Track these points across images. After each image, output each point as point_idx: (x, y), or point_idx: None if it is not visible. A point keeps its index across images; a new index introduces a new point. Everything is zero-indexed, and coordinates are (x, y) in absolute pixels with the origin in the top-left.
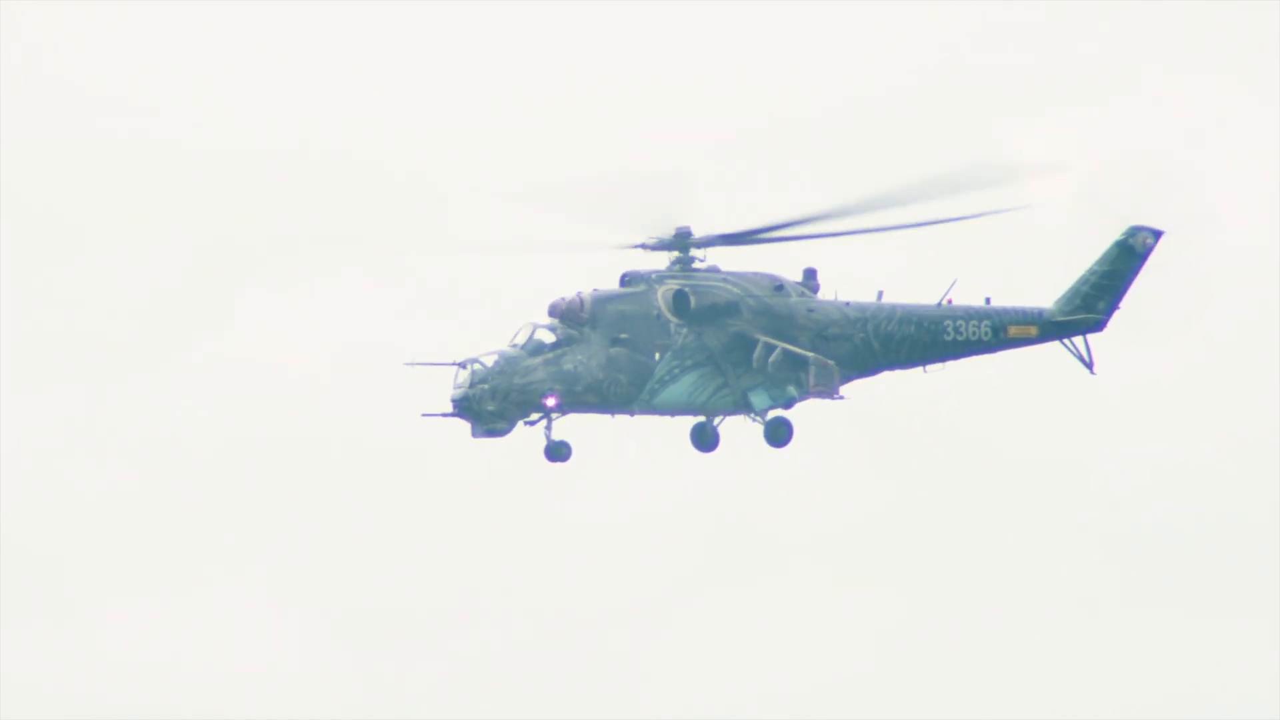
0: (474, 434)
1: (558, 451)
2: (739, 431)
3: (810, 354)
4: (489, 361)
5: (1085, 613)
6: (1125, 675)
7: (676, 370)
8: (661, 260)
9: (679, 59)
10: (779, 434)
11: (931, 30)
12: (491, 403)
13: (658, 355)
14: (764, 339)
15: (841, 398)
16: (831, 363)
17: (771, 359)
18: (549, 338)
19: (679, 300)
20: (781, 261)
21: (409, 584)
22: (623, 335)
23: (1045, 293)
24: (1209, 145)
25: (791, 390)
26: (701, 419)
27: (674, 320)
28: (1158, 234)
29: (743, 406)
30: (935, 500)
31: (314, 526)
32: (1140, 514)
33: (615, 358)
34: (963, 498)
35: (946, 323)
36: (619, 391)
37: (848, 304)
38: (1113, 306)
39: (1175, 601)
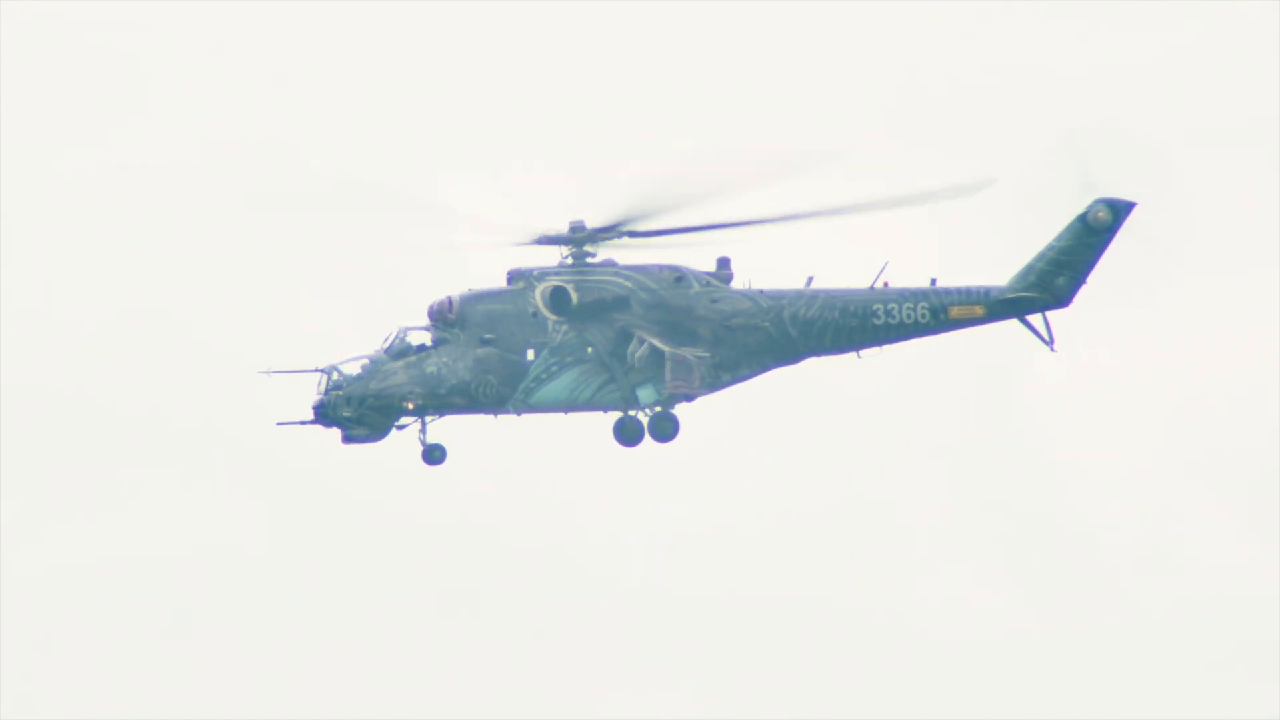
0: (343, 440)
1: (433, 455)
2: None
3: (667, 349)
4: (352, 368)
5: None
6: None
7: (555, 368)
8: (555, 256)
9: (585, 57)
10: (663, 428)
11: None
12: (348, 409)
13: (531, 354)
14: (639, 334)
15: (693, 397)
16: (693, 357)
17: (638, 354)
18: (421, 340)
19: (557, 297)
20: (695, 254)
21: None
22: (488, 335)
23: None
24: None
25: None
26: (624, 414)
27: (553, 317)
28: (1127, 206)
29: (632, 403)
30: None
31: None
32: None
33: (483, 358)
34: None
35: (876, 306)
36: (489, 392)
37: (761, 292)
38: (1076, 282)
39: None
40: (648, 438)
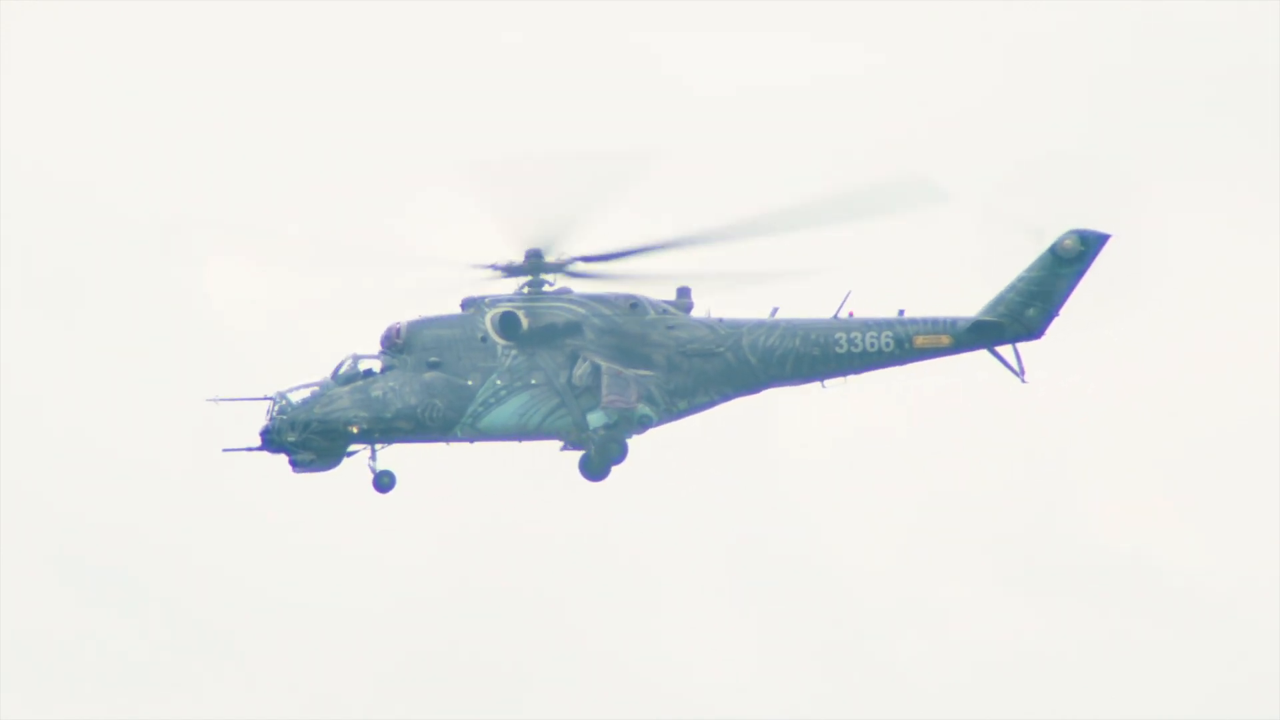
0: (293, 469)
1: (382, 481)
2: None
3: (604, 363)
4: (301, 395)
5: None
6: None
7: (504, 392)
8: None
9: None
10: (607, 453)
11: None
12: (292, 433)
13: (473, 380)
14: (585, 355)
15: (646, 424)
16: (630, 373)
17: (579, 373)
18: (371, 367)
19: (506, 322)
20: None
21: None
22: (433, 359)
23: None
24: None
25: (641, 408)
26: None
27: (502, 342)
28: (1100, 238)
29: (582, 428)
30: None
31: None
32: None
33: (430, 383)
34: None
35: (839, 334)
36: (436, 417)
37: (721, 320)
38: (1048, 313)
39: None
40: (590, 462)
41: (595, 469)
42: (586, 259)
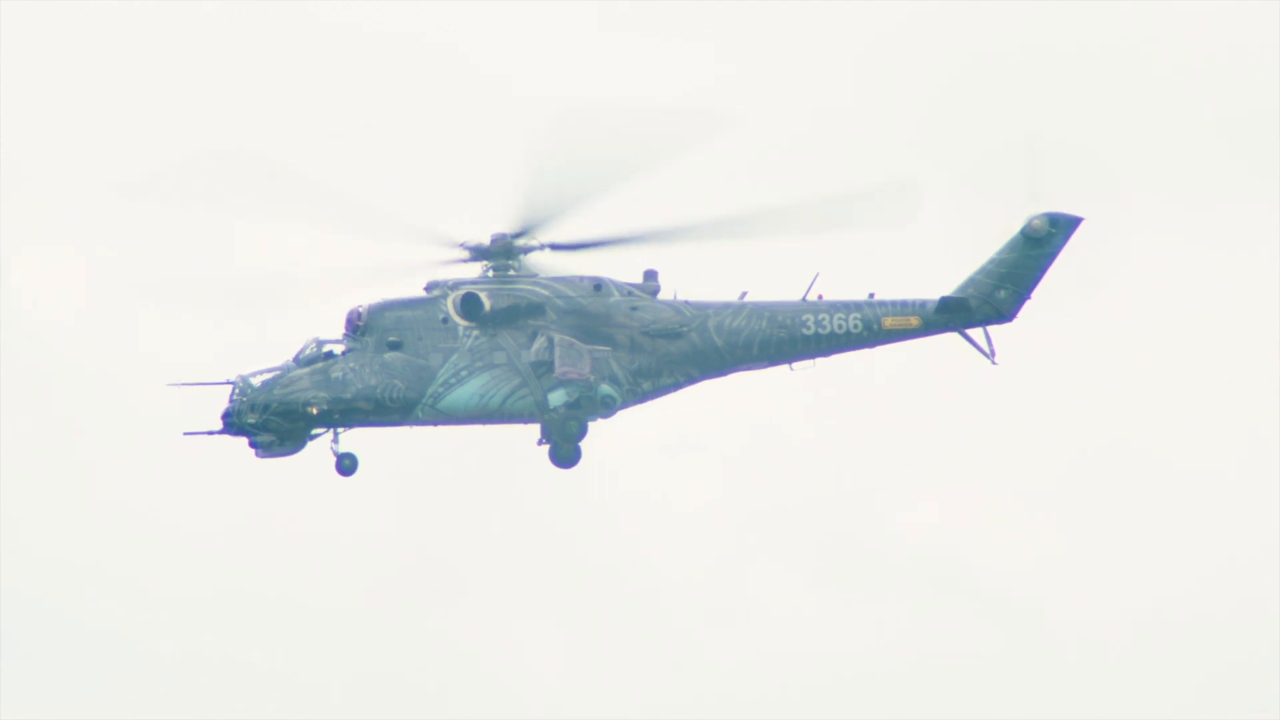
0: (257, 454)
1: (344, 464)
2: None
3: (555, 335)
4: (261, 378)
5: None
6: None
7: (464, 373)
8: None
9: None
10: (568, 431)
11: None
12: (252, 415)
13: (434, 361)
14: (544, 334)
15: (591, 378)
16: (583, 345)
17: (535, 348)
18: (332, 350)
19: (468, 303)
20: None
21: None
22: (392, 339)
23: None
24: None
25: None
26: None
27: (464, 323)
28: (1071, 221)
29: (544, 408)
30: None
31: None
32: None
33: (390, 363)
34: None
35: (806, 316)
36: (396, 397)
37: (687, 302)
38: (1020, 296)
39: None
40: (558, 448)
41: (563, 455)
42: (555, 247)
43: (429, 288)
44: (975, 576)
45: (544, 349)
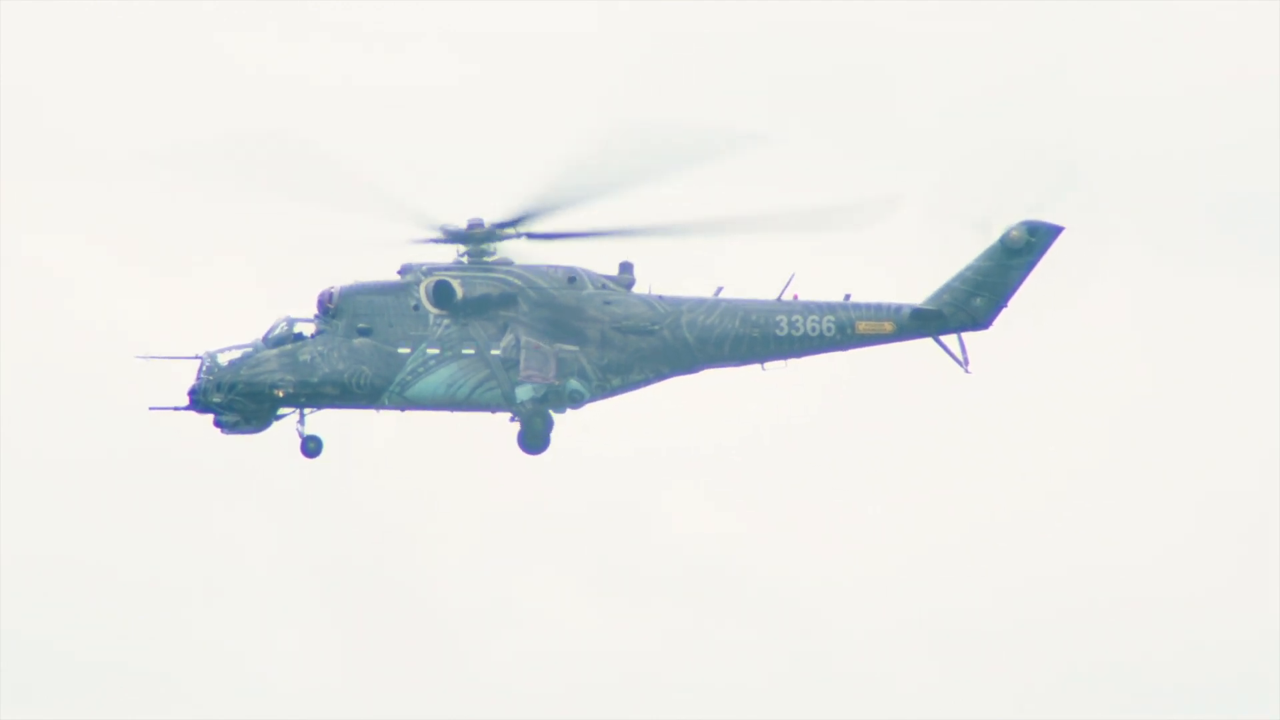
0: (220, 431)
1: (309, 446)
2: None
3: (524, 338)
4: (229, 356)
5: None
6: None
7: (433, 362)
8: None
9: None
10: (534, 426)
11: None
12: (218, 394)
13: (403, 349)
14: (514, 329)
15: (555, 382)
16: (549, 348)
17: (503, 344)
18: (302, 331)
19: (440, 291)
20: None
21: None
22: (362, 325)
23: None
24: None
25: (572, 383)
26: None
27: (435, 311)
28: (1051, 229)
29: (511, 401)
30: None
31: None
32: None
33: (358, 349)
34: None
35: (780, 317)
36: (363, 383)
37: (660, 297)
38: (996, 304)
39: None
40: (525, 435)
41: (530, 442)
42: (531, 236)
43: (402, 271)
44: (944, 582)
45: (511, 347)
